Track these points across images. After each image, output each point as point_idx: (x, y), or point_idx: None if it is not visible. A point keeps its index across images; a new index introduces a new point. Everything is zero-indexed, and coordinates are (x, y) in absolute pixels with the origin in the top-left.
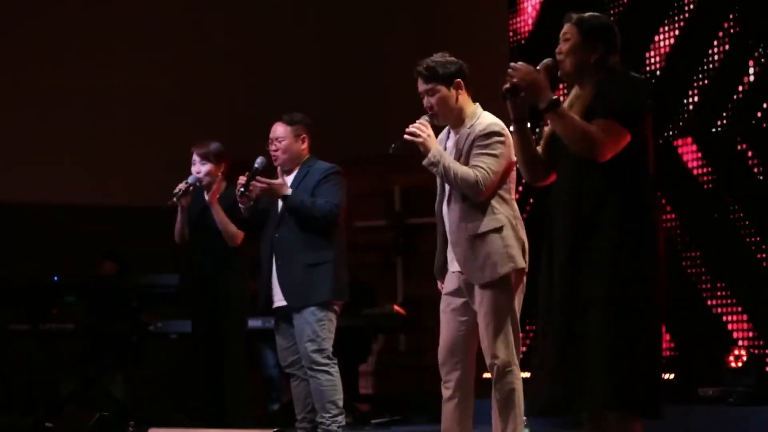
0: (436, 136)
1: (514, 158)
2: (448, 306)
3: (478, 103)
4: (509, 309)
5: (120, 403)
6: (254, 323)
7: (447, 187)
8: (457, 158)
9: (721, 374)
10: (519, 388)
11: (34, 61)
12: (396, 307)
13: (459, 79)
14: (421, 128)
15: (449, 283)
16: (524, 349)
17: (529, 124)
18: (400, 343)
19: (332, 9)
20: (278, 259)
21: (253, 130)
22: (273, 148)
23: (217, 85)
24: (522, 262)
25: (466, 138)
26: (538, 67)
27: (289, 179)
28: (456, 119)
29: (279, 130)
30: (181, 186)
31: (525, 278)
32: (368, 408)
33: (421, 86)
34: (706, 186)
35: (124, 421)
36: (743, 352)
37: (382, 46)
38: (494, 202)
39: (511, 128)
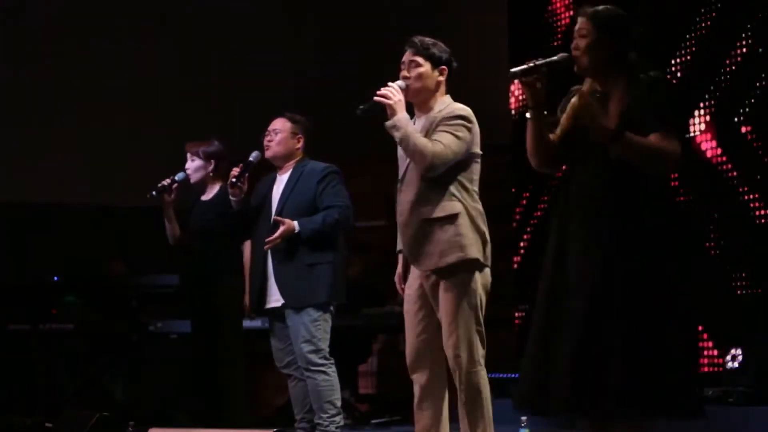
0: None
1: (479, 151)
2: (411, 306)
3: (449, 95)
4: (470, 306)
5: (120, 403)
6: (254, 324)
7: (405, 166)
8: None
9: (721, 374)
10: (485, 389)
11: (35, 61)
12: (396, 307)
13: (445, 67)
14: (393, 91)
15: (412, 280)
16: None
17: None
18: (400, 343)
19: (332, 9)
20: (275, 258)
21: (253, 130)
22: (267, 138)
23: (217, 85)
24: (474, 253)
25: (432, 121)
26: (555, 58)
27: (283, 179)
28: (424, 101)
29: (277, 122)
30: (165, 182)
31: (489, 275)
32: (368, 408)
33: (407, 56)
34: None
35: (124, 421)
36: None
37: (381, 46)
38: (454, 190)
39: (528, 114)
